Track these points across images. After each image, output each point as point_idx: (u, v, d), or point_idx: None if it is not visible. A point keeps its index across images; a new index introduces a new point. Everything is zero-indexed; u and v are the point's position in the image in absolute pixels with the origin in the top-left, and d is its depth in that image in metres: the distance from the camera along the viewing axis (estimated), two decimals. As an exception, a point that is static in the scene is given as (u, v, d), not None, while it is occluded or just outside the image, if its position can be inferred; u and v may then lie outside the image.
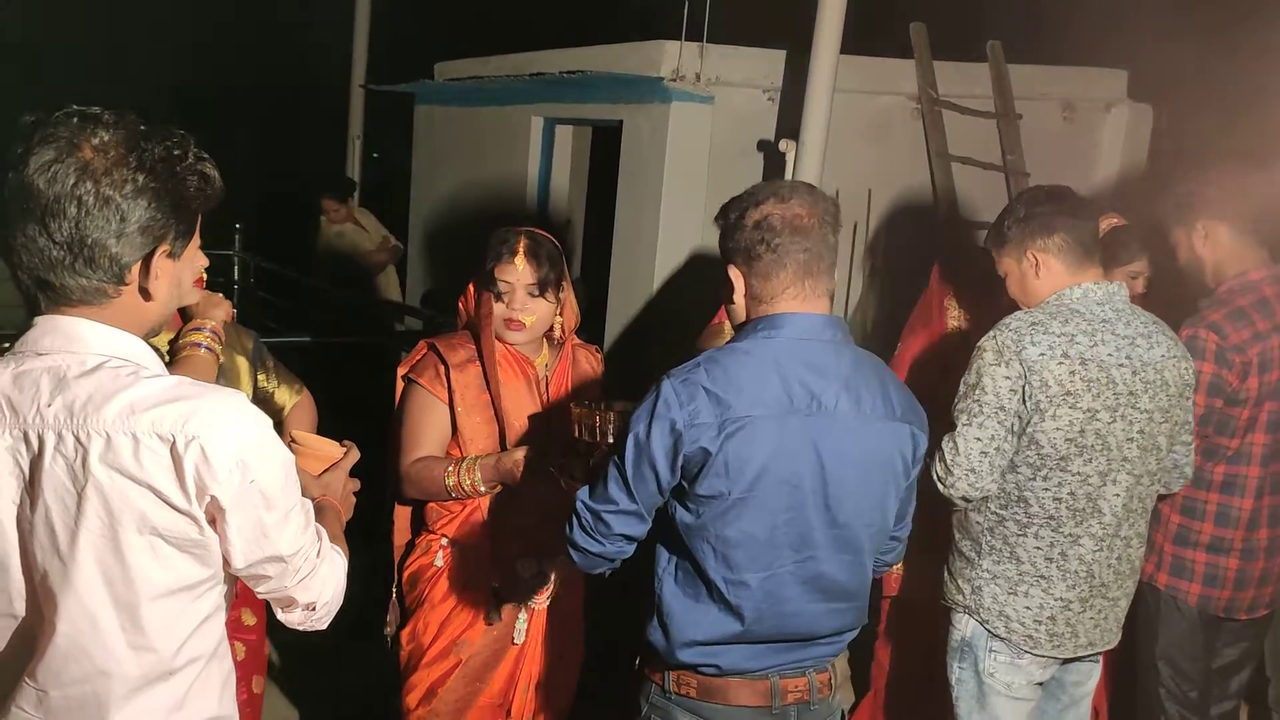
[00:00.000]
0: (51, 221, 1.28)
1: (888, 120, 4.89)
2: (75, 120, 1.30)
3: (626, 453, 1.89)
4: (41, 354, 1.34)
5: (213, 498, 1.32)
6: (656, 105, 4.58)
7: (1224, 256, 2.86)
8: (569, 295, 2.70)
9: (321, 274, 6.84)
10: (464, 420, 2.61)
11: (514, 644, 2.67)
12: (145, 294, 1.38)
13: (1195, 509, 2.87)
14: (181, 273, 1.44)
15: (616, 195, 4.95)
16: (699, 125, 4.54)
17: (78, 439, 1.29)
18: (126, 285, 1.36)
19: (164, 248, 1.38)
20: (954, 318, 3.19)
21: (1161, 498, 2.86)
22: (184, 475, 1.30)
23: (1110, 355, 2.37)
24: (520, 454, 2.51)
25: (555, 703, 2.77)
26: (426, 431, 2.62)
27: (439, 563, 2.67)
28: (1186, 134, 5.44)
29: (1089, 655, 2.57)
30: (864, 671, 3.32)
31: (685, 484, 1.89)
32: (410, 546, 2.77)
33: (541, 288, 2.58)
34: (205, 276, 2.29)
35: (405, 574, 2.74)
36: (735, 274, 1.97)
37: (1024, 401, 2.35)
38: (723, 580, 1.91)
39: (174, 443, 1.30)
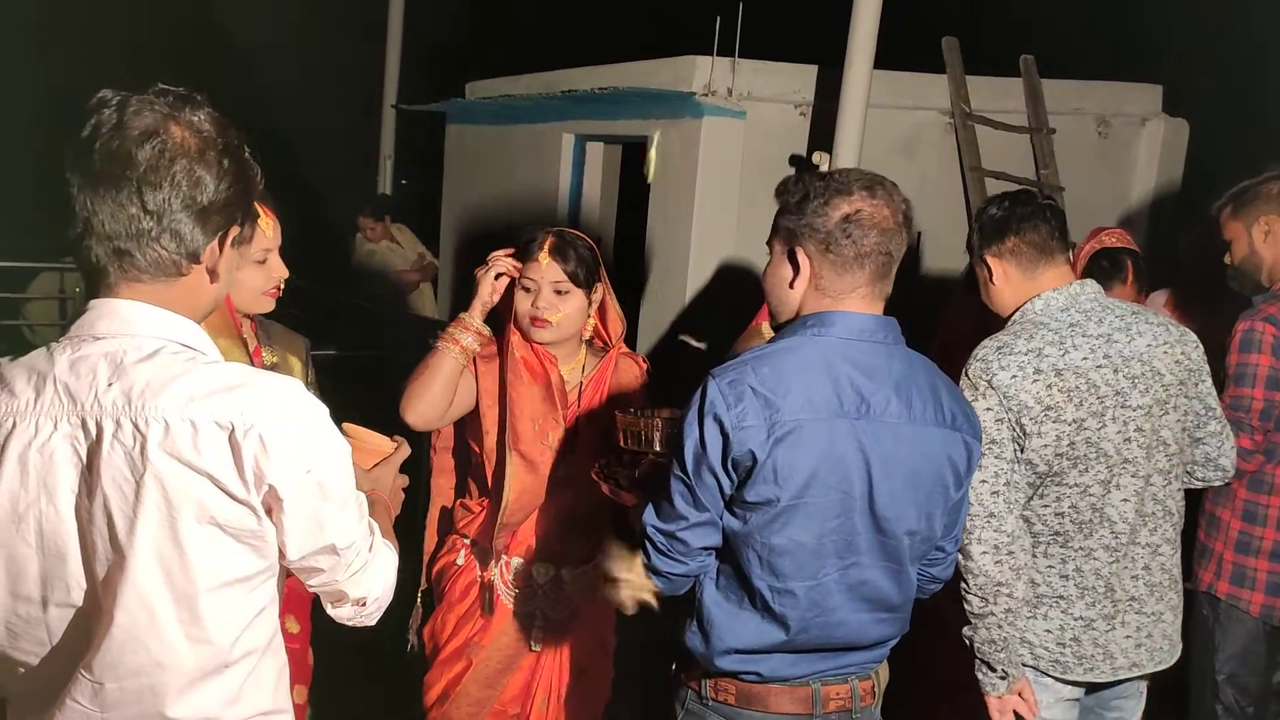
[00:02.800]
0: (147, 190, 1.29)
1: (920, 135, 4.87)
2: (170, 98, 1.32)
3: (687, 462, 1.81)
4: (99, 338, 1.33)
5: (271, 487, 1.31)
6: (688, 120, 4.58)
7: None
8: (610, 301, 2.67)
9: (357, 290, 6.87)
10: (486, 413, 2.60)
11: (530, 651, 2.64)
12: (212, 275, 1.40)
13: (1257, 514, 2.77)
14: (234, 262, 1.46)
15: (648, 212, 4.96)
16: (731, 140, 4.53)
17: (136, 426, 1.28)
18: (198, 265, 1.37)
19: (234, 231, 1.41)
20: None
21: (1220, 503, 2.78)
22: (243, 464, 1.29)
23: (1085, 359, 2.27)
24: (492, 269, 2.55)
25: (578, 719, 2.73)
26: (435, 364, 2.58)
27: (460, 561, 2.67)
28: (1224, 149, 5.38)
29: (1133, 680, 2.44)
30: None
31: (733, 489, 1.82)
32: (439, 545, 2.77)
33: (569, 285, 2.56)
34: (281, 286, 2.30)
35: (433, 571, 2.75)
36: (804, 260, 1.87)
37: (1011, 427, 2.27)
38: (768, 588, 1.84)
39: (233, 430, 1.29)
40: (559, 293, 2.55)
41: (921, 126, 4.87)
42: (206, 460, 1.28)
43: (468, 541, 2.67)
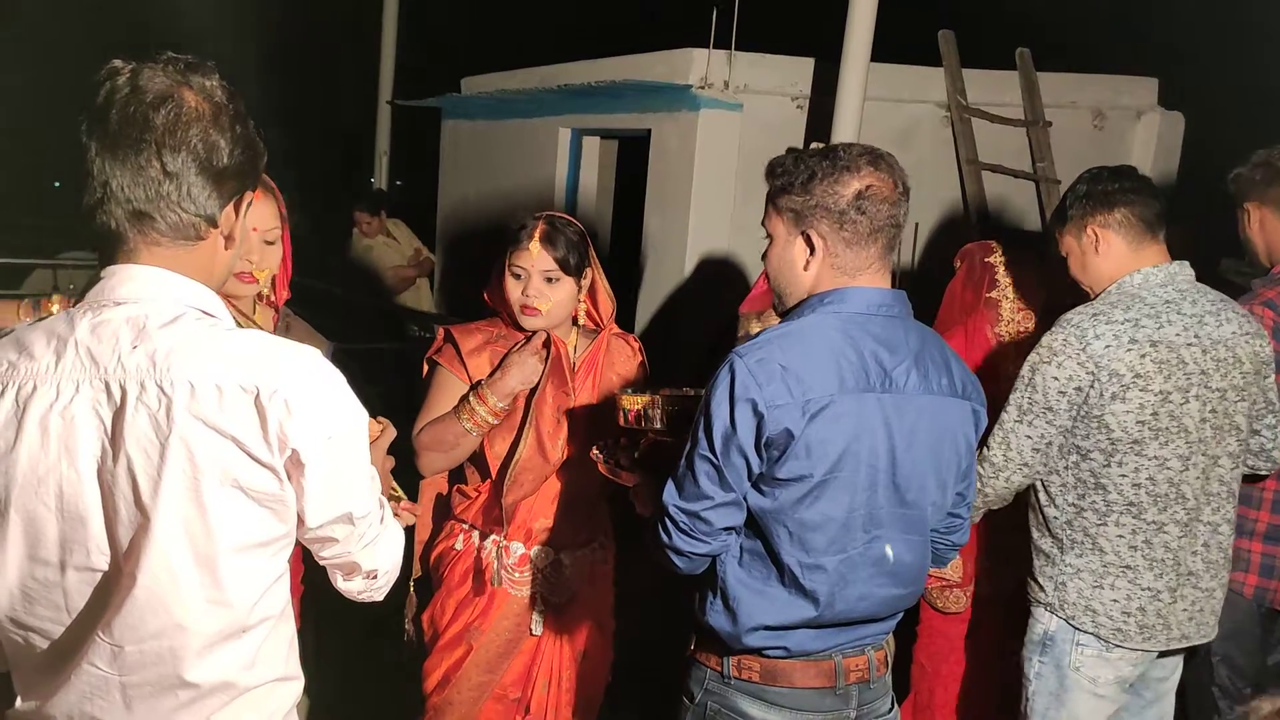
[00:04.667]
0: (166, 152, 1.31)
1: (917, 128, 4.87)
2: (181, 64, 1.34)
3: (715, 442, 1.81)
4: (119, 303, 1.34)
5: (294, 450, 1.32)
6: (685, 113, 4.58)
7: (1273, 239, 2.83)
8: (600, 282, 2.67)
9: (353, 286, 6.86)
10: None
11: (531, 635, 2.64)
12: (228, 240, 1.42)
13: (1251, 496, 2.78)
14: (245, 231, 1.49)
15: (644, 206, 4.95)
16: (728, 132, 4.53)
17: (161, 389, 1.28)
18: (215, 229, 1.39)
19: (247, 196, 1.42)
20: (1008, 313, 3.14)
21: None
22: (267, 427, 1.30)
23: (1179, 335, 2.33)
24: (538, 340, 2.53)
25: (580, 705, 2.73)
26: (441, 404, 2.60)
27: (459, 546, 2.67)
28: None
29: (1178, 649, 2.50)
30: (903, 674, 3.26)
31: (764, 467, 1.82)
32: (436, 531, 2.77)
33: (560, 272, 2.56)
34: (258, 277, 2.28)
35: (431, 557, 2.75)
36: (818, 239, 1.87)
37: (1089, 397, 2.33)
38: (798, 564, 1.85)
39: (258, 394, 1.30)
40: (549, 280, 2.55)
41: (918, 119, 4.87)
42: (231, 423, 1.29)
43: (466, 526, 2.67)
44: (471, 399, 2.53)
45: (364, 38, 8.48)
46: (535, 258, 2.53)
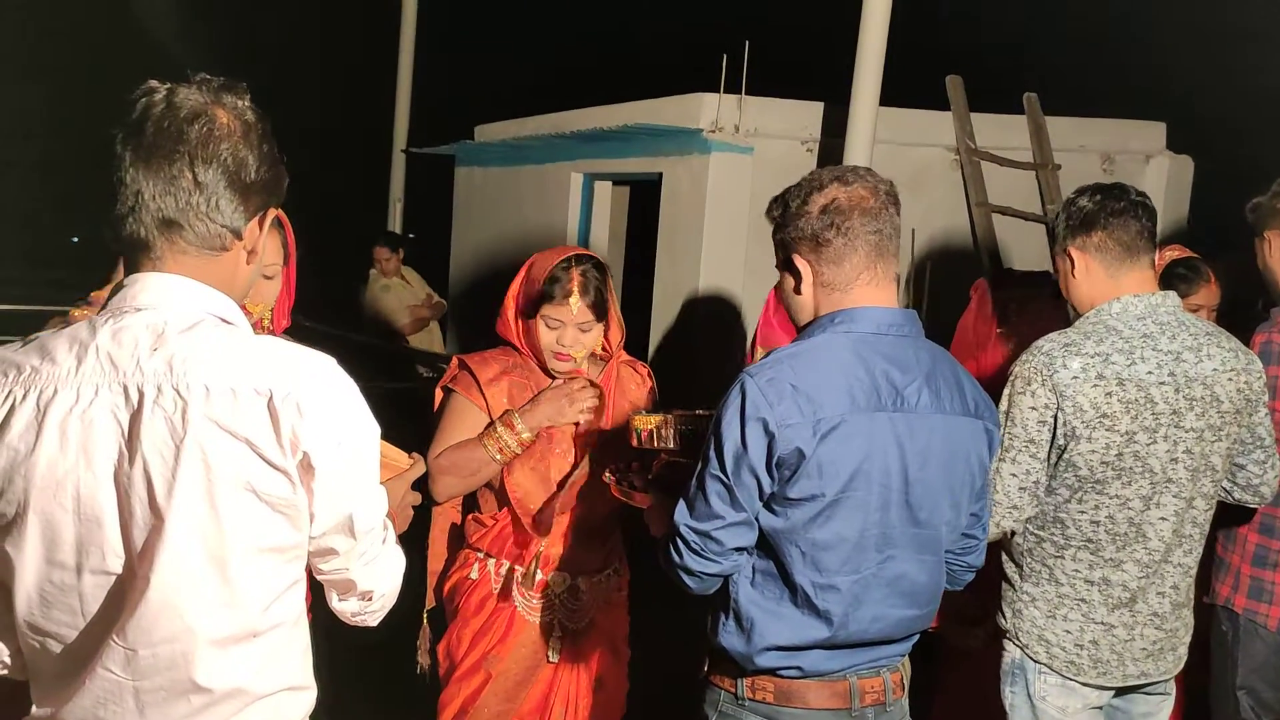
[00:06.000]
0: (199, 164, 1.35)
1: (926, 171, 4.91)
2: (215, 84, 1.40)
3: (726, 462, 1.80)
4: (141, 309, 1.37)
5: (305, 454, 1.33)
6: (696, 156, 4.63)
7: None
8: (614, 311, 2.69)
9: (368, 326, 6.91)
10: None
11: (548, 663, 2.62)
12: (250, 254, 1.46)
13: (1274, 528, 2.74)
14: (267, 246, 1.52)
15: (655, 249, 4.99)
16: (739, 175, 4.58)
17: (177, 391, 1.31)
18: (240, 241, 1.42)
19: (272, 212, 1.46)
20: (1002, 340, 3.15)
21: (1237, 518, 2.76)
22: (280, 429, 1.32)
23: (1150, 373, 2.24)
24: (586, 391, 2.54)
25: None
26: (459, 430, 2.59)
27: (474, 575, 2.65)
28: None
29: (1152, 686, 2.43)
30: (918, 700, 3.22)
31: (776, 487, 1.82)
32: (450, 561, 2.76)
33: (593, 321, 2.58)
34: (250, 311, 2.31)
35: (445, 588, 2.73)
36: (802, 263, 1.89)
37: (1056, 428, 2.26)
38: (811, 584, 1.83)
39: (271, 396, 1.32)
40: (583, 330, 2.57)
41: (927, 162, 4.91)
42: (245, 425, 1.31)
43: (481, 555, 2.66)
44: (499, 428, 2.53)
45: (380, 87, 8.60)
46: (575, 313, 2.55)
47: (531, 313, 2.59)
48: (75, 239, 16.42)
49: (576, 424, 2.60)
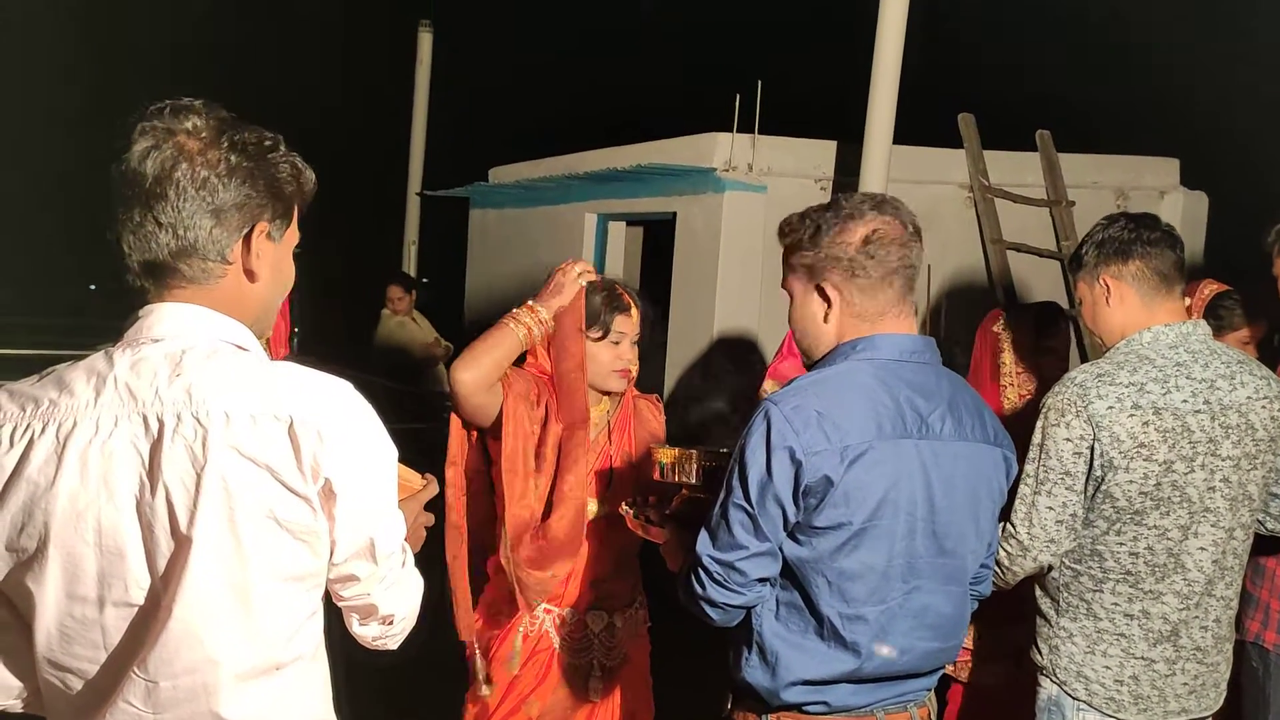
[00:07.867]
0: (155, 204, 1.33)
1: (940, 208, 4.91)
2: (168, 110, 1.35)
3: (750, 491, 1.76)
4: (158, 340, 1.36)
5: (327, 480, 1.32)
6: (710, 195, 4.65)
7: None
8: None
9: (378, 364, 6.93)
10: (510, 444, 2.51)
11: (587, 703, 2.58)
12: (250, 275, 1.42)
13: None
14: (282, 259, 1.47)
15: (670, 288, 4.99)
16: (752, 213, 4.59)
17: (197, 420, 1.29)
18: (231, 264, 1.39)
19: (262, 227, 1.41)
20: (1008, 375, 3.13)
21: (1265, 550, 2.72)
22: (301, 456, 1.30)
23: (1186, 402, 2.23)
24: (576, 268, 2.50)
25: None
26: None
27: (507, 618, 2.60)
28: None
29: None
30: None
31: (801, 516, 1.78)
32: (478, 599, 2.67)
33: (639, 334, 2.57)
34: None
35: (476, 634, 2.64)
36: (833, 292, 1.85)
37: (1092, 460, 2.23)
38: (838, 615, 1.80)
39: (291, 423, 1.30)
40: (635, 344, 2.56)
41: (941, 200, 4.91)
42: (266, 452, 1.29)
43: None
44: (521, 311, 2.49)
45: (394, 132, 8.69)
46: (636, 322, 2.53)
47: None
48: (93, 286, 16.56)
49: (602, 463, 2.57)
